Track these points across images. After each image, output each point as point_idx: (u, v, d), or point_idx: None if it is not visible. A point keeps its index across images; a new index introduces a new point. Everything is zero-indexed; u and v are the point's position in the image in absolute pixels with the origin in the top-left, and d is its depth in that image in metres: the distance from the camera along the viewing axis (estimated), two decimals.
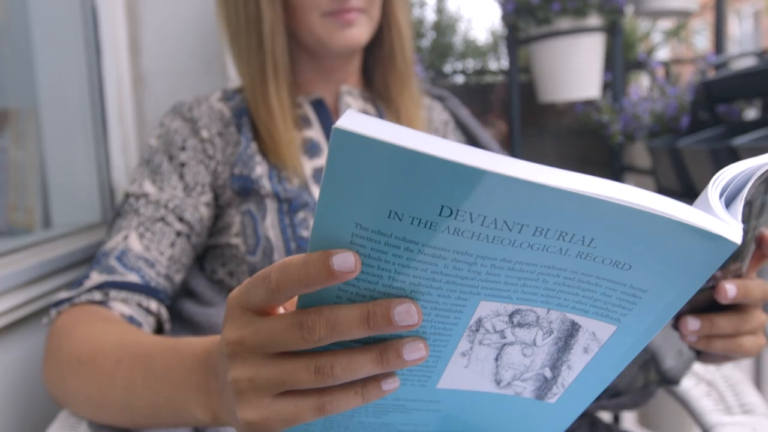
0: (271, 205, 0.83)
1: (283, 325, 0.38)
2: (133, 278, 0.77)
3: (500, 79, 2.39)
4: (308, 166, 0.88)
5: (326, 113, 0.93)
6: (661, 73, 2.22)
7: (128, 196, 0.85)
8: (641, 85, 2.47)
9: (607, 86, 1.92)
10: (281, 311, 0.42)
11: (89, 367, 0.64)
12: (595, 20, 1.71)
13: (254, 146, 0.87)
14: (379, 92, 0.99)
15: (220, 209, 0.87)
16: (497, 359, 0.42)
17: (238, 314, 0.40)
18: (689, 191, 1.47)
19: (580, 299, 0.38)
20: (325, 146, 0.91)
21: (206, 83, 1.22)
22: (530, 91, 1.97)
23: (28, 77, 1.13)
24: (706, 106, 1.64)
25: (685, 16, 1.92)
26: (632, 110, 1.75)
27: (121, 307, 0.74)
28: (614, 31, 1.77)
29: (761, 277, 0.57)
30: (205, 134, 0.87)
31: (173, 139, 0.87)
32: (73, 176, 1.17)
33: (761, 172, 0.40)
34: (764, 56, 1.90)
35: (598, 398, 0.66)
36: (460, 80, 2.57)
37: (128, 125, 1.21)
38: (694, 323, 0.54)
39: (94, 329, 0.68)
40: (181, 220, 0.83)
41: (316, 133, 0.91)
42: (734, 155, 1.20)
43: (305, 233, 0.82)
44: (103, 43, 1.17)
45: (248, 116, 0.90)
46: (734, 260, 0.51)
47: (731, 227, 0.34)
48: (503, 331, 0.40)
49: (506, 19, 1.81)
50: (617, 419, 1.75)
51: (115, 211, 0.86)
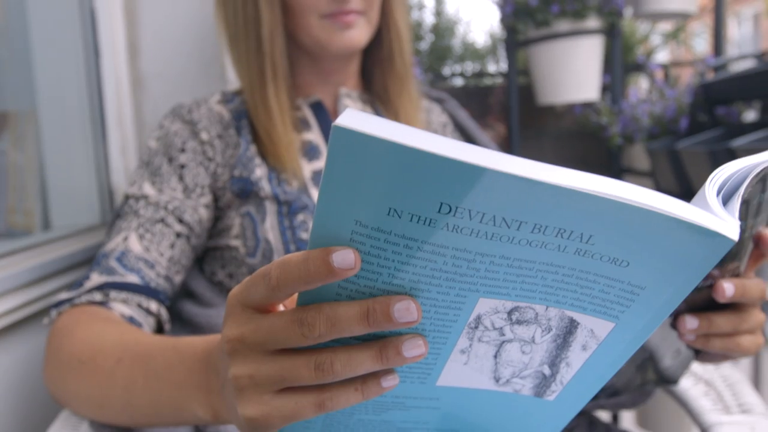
0: (270, 207, 0.84)
1: (283, 322, 0.38)
2: (133, 279, 0.77)
3: (499, 81, 2.40)
4: (307, 168, 0.88)
5: (325, 116, 0.93)
6: (660, 75, 2.22)
7: (128, 197, 0.85)
8: (640, 87, 2.48)
9: (606, 88, 1.92)
10: (281, 309, 0.42)
11: (90, 366, 0.65)
12: (593, 22, 1.71)
13: (254, 148, 0.87)
14: (377, 94, 0.99)
15: (219, 211, 0.88)
16: (496, 356, 0.42)
17: (238, 312, 0.41)
18: (688, 193, 1.47)
19: (578, 296, 0.38)
20: (323, 149, 0.91)
21: (205, 85, 1.22)
22: (529, 93, 1.98)
23: (26, 80, 1.13)
24: (704, 108, 1.65)
25: (683, 18, 1.93)
26: (631, 112, 1.75)
27: (121, 307, 0.74)
28: (613, 33, 1.77)
29: (759, 276, 0.57)
30: (204, 136, 0.87)
31: (173, 141, 0.88)
32: (72, 178, 1.17)
33: (758, 170, 0.40)
34: (763, 58, 1.91)
35: (596, 397, 0.67)
36: (458, 83, 2.57)
37: (127, 127, 1.21)
38: (692, 322, 0.54)
39: (94, 329, 0.68)
40: (180, 221, 0.83)
41: (315, 135, 0.91)
42: (733, 157, 1.20)
43: (305, 235, 0.82)
44: (101, 45, 1.17)
45: (247, 118, 0.90)
46: (732, 259, 0.51)
47: (728, 224, 0.34)
48: (502, 328, 0.40)
49: (505, 21, 1.82)
50: (616, 419, 1.75)
51: (114, 212, 0.86)
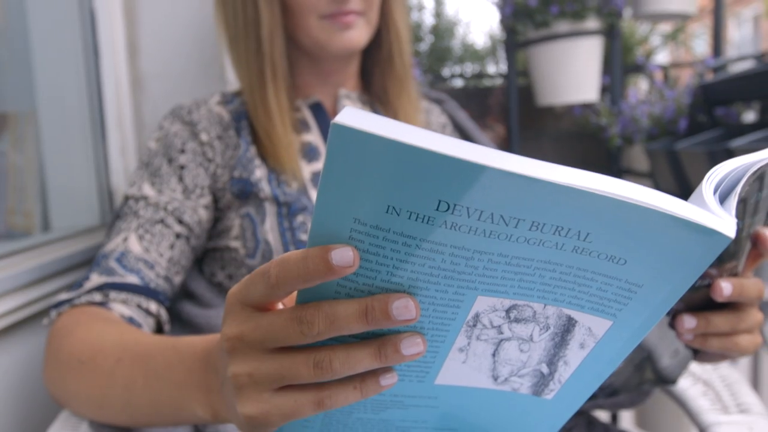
0: (270, 208, 0.84)
1: (282, 320, 0.38)
2: (132, 280, 0.77)
3: (499, 82, 2.40)
4: (307, 170, 0.88)
5: (325, 117, 0.93)
6: (659, 76, 2.22)
7: (127, 198, 0.85)
8: (640, 88, 2.48)
9: (605, 89, 1.92)
10: (280, 307, 0.42)
11: (90, 367, 0.65)
12: (593, 23, 1.72)
13: (253, 149, 0.87)
14: (377, 95, 0.99)
15: (219, 212, 0.88)
16: (494, 355, 0.43)
17: (237, 310, 0.41)
18: (687, 193, 1.46)
19: (576, 294, 0.38)
20: (323, 150, 0.91)
21: (205, 86, 1.22)
22: (529, 94, 1.98)
23: (26, 80, 1.13)
24: (704, 109, 1.65)
25: (683, 19, 1.93)
26: (630, 113, 1.75)
27: (120, 308, 0.74)
28: (612, 34, 1.77)
29: (758, 276, 0.57)
30: (204, 137, 0.87)
31: (172, 141, 0.88)
32: (71, 179, 1.17)
33: (755, 168, 0.40)
34: (762, 59, 1.91)
35: (595, 397, 0.67)
36: (458, 84, 2.58)
37: (127, 128, 1.21)
38: (690, 321, 0.54)
39: (94, 330, 0.68)
40: (180, 222, 0.83)
41: (314, 137, 0.91)
42: (731, 157, 1.20)
43: (304, 237, 0.83)
44: (101, 45, 1.17)
45: (247, 119, 0.90)
46: (730, 259, 0.51)
47: (725, 222, 0.34)
48: (500, 326, 0.40)
49: (504, 22, 1.82)
50: (615, 419, 1.75)
51: (114, 213, 0.86)
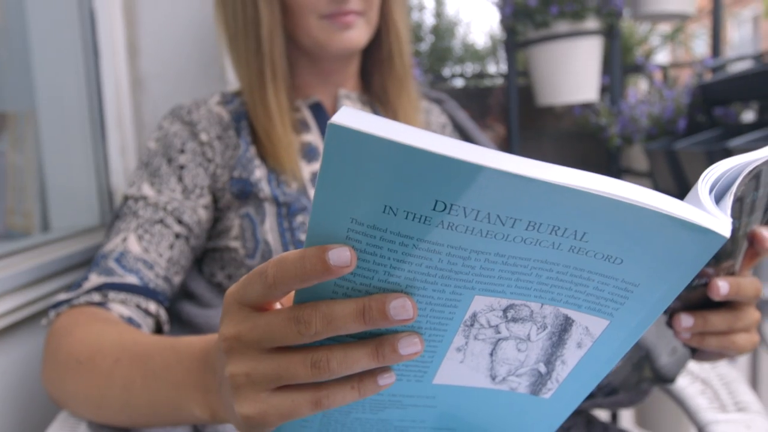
0: (269, 208, 0.84)
1: (279, 320, 0.38)
2: (131, 280, 0.77)
3: (499, 82, 2.40)
4: (306, 170, 0.88)
5: (324, 117, 0.93)
6: (659, 76, 2.22)
7: (127, 198, 0.85)
8: (639, 88, 2.48)
9: (605, 89, 1.92)
10: (278, 307, 0.42)
11: (88, 367, 0.65)
12: (592, 23, 1.72)
13: (253, 150, 0.87)
14: (377, 95, 0.99)
15: (219, 212, 0.88)
16: (492, 354, 0.43)
17: (235, 310, 0.41)
18: (686, 193, 1.46)
19: (573, 294, 0.39)
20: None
21: (205, 86, 1.22)
22: (529, 94, 1.98)
23: (26, 80, 1.14)
24: (703, 108, 1.65)
25: (682, 19, 1.93)
26: (630, 113, 1.75)
27: (119, 308, 0.74)
28: (612, 34, 1.77)
29: (756, 275, 0.57)
30: (204, 137, 0.87)
31: (172, 141, 0.88)
32: (71, 179, 1.17)
33: (750, 168, 0.40)
34: (760, 59, 1.91)
35: (593, 396, 0.67)
36: (459, 84, 2.57)
37: (126, 128, 1.21)
38: (687, 320, 0.54)
39: (93, 330, 0.68)
40: (179, 222, 0.83)
41: (314, 137, 0.91)
42: (729, 157, 1.20)
43: (304, 237, 0.83)
44: (101, 46, 1.17)
45: (247, 120, 0.90)
46: (727, 258, 0.51)
47: (720, 221, 0.34)
48: (498, 326, 0.40)
49: (504, 22, 1.82)
50: (615, 418, 1.75)
51: (113, 213, 0.86)
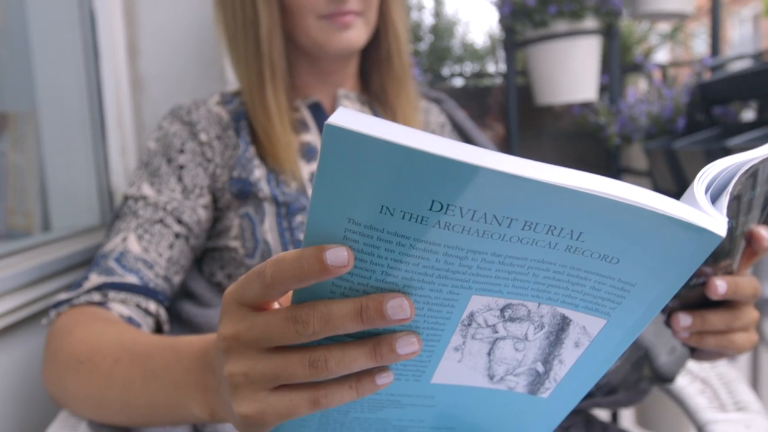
0: (269, 208, 0.84)
1: (277, 319, 0.39)
2: (131, 279, 0.77)
3: (498, 81, 2.40)
4: (306, 170, 0.88)
5: (323, 117, 0.93)
6: (658, 75, 2.22)
7: (127, 198, 0.85)
8: (639, 87, 2.48)
9: (603, 89, 1.92)
10: (276, 307, 0.42)
11: (88, 366, 0.65)
12: (591, 23, 1.72)
13: (252, 150, 0.87)
14: (376, 95, 0.99)
15: (218, 212, 0.88)
16: (490, 354, 0.43)
17: (233, 310, 0.41)
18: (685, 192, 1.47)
19: (569, 293, 0.39)
20: None
21: (204, 86, 1.22)
22: (528, 93, 1.98)
23: (26, 81, 1.14)
24: (702, 107, 1.65)
25: (681, 18, 1.93)
26: (629, 112, 1.75)
27: (120, 308, 0.75)
28: (611, 33, 1.77)
29: (756, 274, 0.58)
30: (203, 137, 0.88)
31: (172, 141, 0.88)
32: (71, 179, 1.18)
33: (747, 167, 0.40)
34: (760, 58, 1.91)
35: (592, 395, 0.67)
36: (458, 83, 2.58)
37: (127, 128, 1.21)
38: (685, 319, 0.54)
39: (93, 330, 0.69)
40: (179, 222, 0.83)
41: (313, 137, 0.91)
42: (728, 156, 1.20)
43: (303, 237, 0.83)
44: (101, 46, 1.17)
45: (246, 119, 0.90)
46: (725, 257, 0.51)
47: (716, 220, 0.34)
48: (495, 325, 0.41)
49: (503, 22, 1.82)
50: (615, 419, 1.76)
51: (113, 213, 0.86)
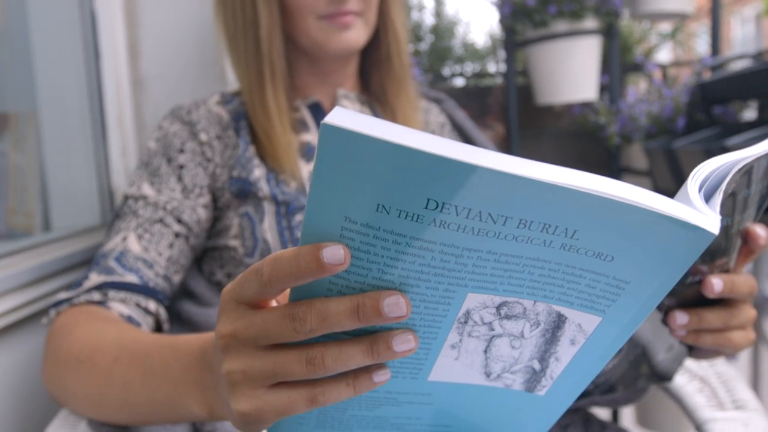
0: (269, 207, 0.84)
1: (275, 317, 0.39)
2: (131, 279, 0.77)
3: (499, 81, 2.40)
4: (305, 169, 0.88)
5: (323, 117, 0.93)
6: (658, 75, 2.22)
7: (127, 198, 0.86)
8: (639, 87, 2.48)
9: (604, 88, 1.92)
10: (274, 305, 0.42)
11: (88, 365, 0.65)
12: (591, 23, 1.72)
13: (252, 149, 0.88)
14: (375, 95, 0.99)
15: (218, 211, 0.88)
16: (486, 351, 0.43)
17: (231, 308, 0.41)
18: None
19: (565, 291, 0.39)
20: None
21: (205, 87, 1.22)
22: (528, 93, 1.98)
23: (27, 81, 1.14)
24: (702, 107, 1.65)
25: (681, 18, 1.93)
26: (629, 112, 1.75)
27: (119, 307, 0.75)
28: (611, 33, 1.77)
29: (753, 272, 0.58)
30: (203, 137, 0.88)
31: (172, 141, 0.88)
32: (72, 179, 1.18)
33: (741, 165, 0.41)
34: (760, 58, 1.91)
35: (591, 394, 0.67)
36: (458, 83, 2.57)
37: (127, 128, 1.22)
38: (682, 318, 0.54)
39: (93, 329, 0.69)
40: (179, 221, 0.84)
41: (313, 137, 0.92)
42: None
43: None
44: (102, 46, 1.18)
45: (246, 119, 0.90)
46: (721, 255, 0.51)
47: (708, 218, 0.34)
48: (491, 323, 0.41)
49: (503, 22, 1.82)
50: (615, 418, 1.76)
51: (114, 213, 0.87)
